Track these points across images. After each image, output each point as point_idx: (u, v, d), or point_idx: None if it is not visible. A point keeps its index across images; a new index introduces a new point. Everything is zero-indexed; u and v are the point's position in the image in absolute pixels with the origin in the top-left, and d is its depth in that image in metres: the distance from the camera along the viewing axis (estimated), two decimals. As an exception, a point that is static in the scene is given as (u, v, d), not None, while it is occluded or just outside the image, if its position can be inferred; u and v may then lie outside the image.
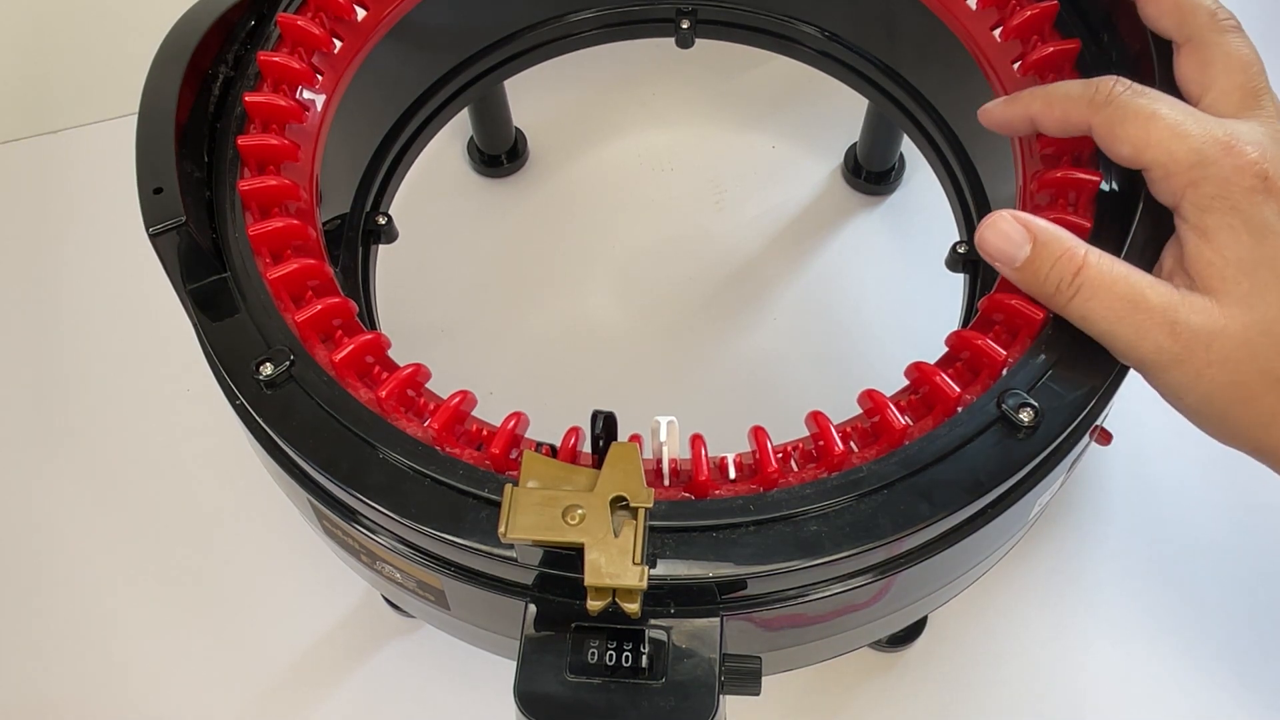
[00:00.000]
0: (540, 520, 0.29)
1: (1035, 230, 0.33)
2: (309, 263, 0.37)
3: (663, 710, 0.30)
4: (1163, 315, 0.31)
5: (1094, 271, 0.32)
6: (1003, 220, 0.33)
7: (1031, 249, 0.33)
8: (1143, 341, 0.32)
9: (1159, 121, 0.33)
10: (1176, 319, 0.31)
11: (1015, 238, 0.33)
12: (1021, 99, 0.37)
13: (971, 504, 0.32)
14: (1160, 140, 0.32)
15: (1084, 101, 0.34)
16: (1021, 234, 0.33)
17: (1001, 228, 0.33)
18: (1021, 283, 0.34)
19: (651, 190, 0.65)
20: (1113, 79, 0.34)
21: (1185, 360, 0.31)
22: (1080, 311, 0.32)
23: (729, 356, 0.59)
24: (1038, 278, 0.33)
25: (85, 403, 0.59)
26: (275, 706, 0.51)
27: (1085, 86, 0.35)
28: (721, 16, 0.54)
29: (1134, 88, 0.34)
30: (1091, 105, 0.34)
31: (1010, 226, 0.33)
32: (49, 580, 0.54)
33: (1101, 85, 0.34)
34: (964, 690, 0.50)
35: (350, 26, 0.43)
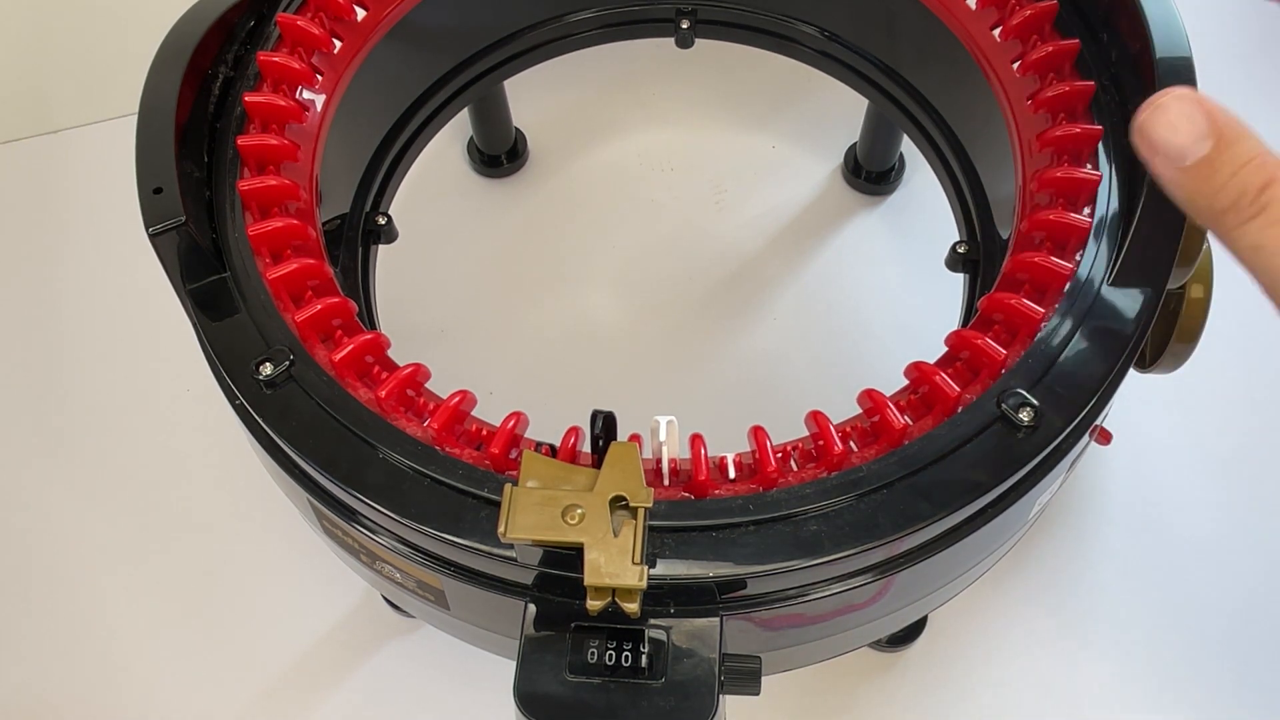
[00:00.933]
0: (540, 520, 0.29)
1: (1220, 124, 0.26)
2: (309, 263, 0.37)
3: (663, 710, 0.30)
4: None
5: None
6: (1177, 100, 0.26)
7: (1213, 146, 0.26)
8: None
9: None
10: None
11: (1193, 127, 0.26)
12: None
13: (971, 504, 0.32)
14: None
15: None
16: (1203, 124, 0.26)
17: (1175, 112, 0.26)
18: (1185, 187, 0.27)
19: (651, 190, 0.65)
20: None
21: None
22: (1256, 239, 0.26)
23: (729, 356, 0.59)
24: (1211, 184, 0.26)
25: (85, 403, 0.59)
26: (275, 706, 0.51)
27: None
28: (721, 16, 0.54)
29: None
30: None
31: (1189, 110, 0.26)
32: (49, 580, 0.54)
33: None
34: (964, 690, 0.50)
35: (350, 26, 0.43)
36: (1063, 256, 0.35)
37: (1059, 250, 0.36)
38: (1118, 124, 0.38)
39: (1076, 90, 0.38)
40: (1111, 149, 0.38)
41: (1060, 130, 0.38)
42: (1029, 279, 0.36)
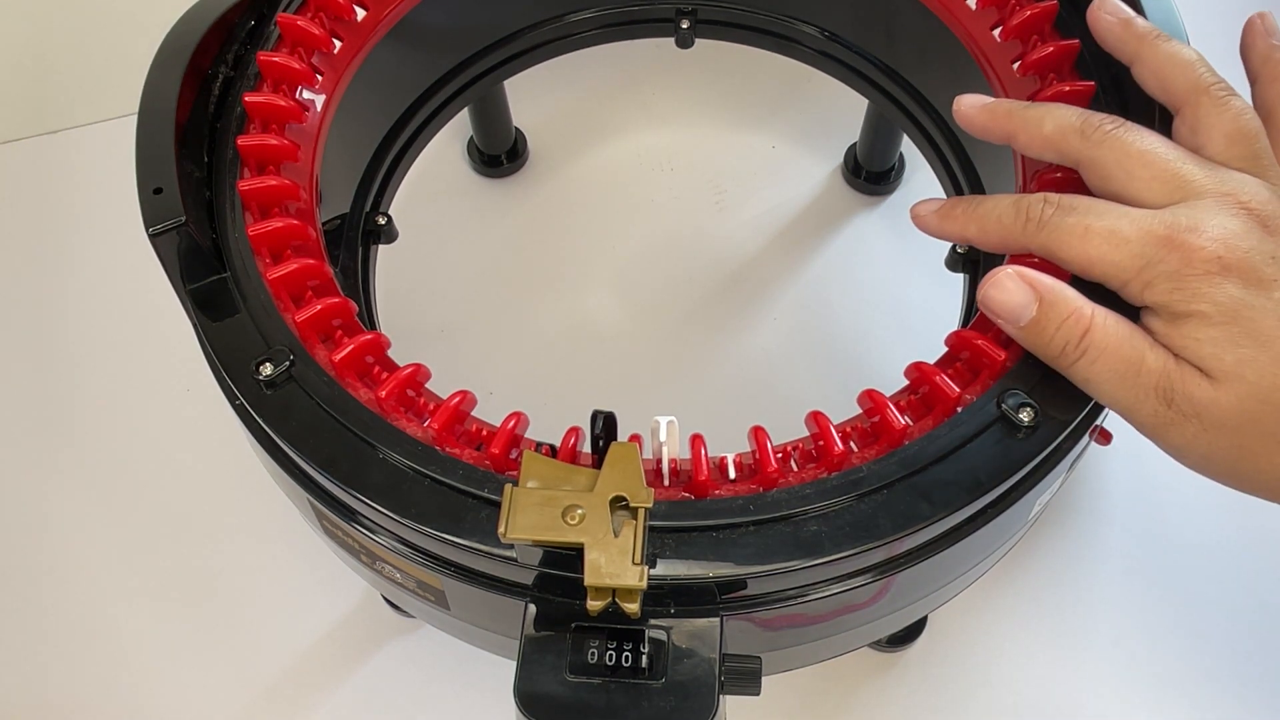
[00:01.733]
0: (540, 520, 0.29)
1: (1042, 289, 0.32)
2: (309, 263, 0.37)
3: (663, 710, 0.30)
4: (1159, 380, 0.31)
5: (1100, 334, 0.31)
6: (1007, 278, 0.32)
7: (1038, 309, 0.32)
8: (1141, 405, 0.31)
9: (1093, 237, 0.32)
10: (1171, 386, 0.31)
11: (1021, 297, 0.32)
12: (956, 218, 0.36)
13: (971, 504, 0.32)
14: (1100, 254, 0.32)
15: (1016, 228, 0.34)
16: (1027, 293, 0.32)
17: (1007, 286, 0.32)
18: (1025, 341, 0.33)
19: (651, 190, 0.65)
20: (1040, 198, 0.33)
21: (1180, 424, 0.31)
22: (1084, 374, 0.32)
23: (729, 356, 0.59)
24: (1043, 338, 0.32)
25: (85, 403, 0.59)
26: (275, 706, 0.51)
27: (1015, 208, 0.34)
28: (721, 16, 0.54)
29: (1061, 203, 0.33)
30: (1024, 232, 0.33)
31: (1016, 285, 0.32)
32: (49, 580, 0.54)
33: (1031, 208, 0.33)
34: (964, 690, 0.50)
35: (350, 26, 0.43)
36: (1063, 256, 0.35)
37: (1059, 250, 0.36)
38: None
39: (1077, 90, 0.38)
40: (1111, 149, 0.38)
41: (1060, 130, 0.38)
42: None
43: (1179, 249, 0.31)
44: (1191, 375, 0.31)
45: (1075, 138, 0.34)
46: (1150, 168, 0.32)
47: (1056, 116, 0.35)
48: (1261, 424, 0.30)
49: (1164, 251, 0.31)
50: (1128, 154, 0.33)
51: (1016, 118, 0.36)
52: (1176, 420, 0.31)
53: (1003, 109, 0.36)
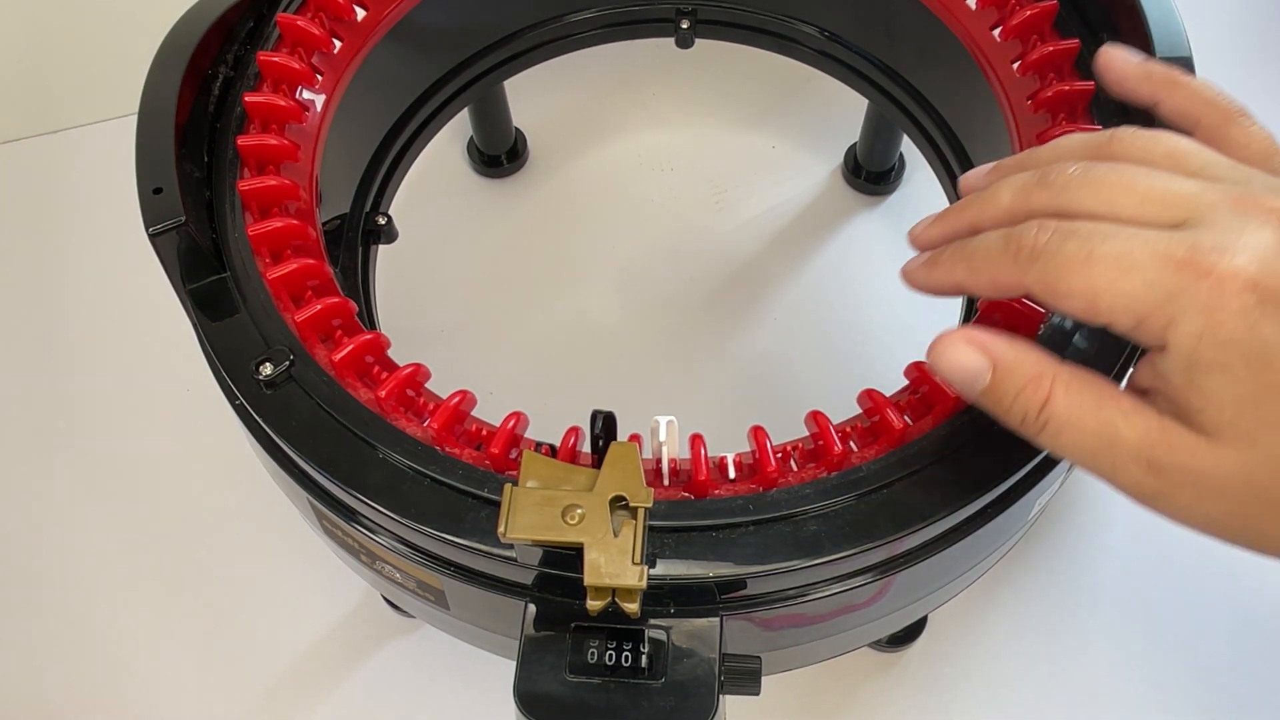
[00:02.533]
0: (540, 520, 0.29)
1: (995, 355, 0.29)
2: (309, 263, 0.37)
3: (663, 710, 0.30)
4: (1138, 452, 0.27)
5: (1062, 405, 0.28)
6: (957, 342, 0.29)
7: (991, 378, 0.29)
8: (1119, 476, 0.28)
9: (1098, 263, 0.27)
10: (1156, 455, 0.27)
11: (972, 364, 0.29)
12: (942, 263, 0.31)
13: (971, 504, 0.32)
14: (1109, 283, 0.27)
15: (1007, 261, 0.29)
16: (979, 360, 0.29)
17: (956, 351, 0.29)
18: (984, 408, 0.30)
19: (651, 190, 0.65)
20: (1034, 225, 0.28)
21: (1172, 494, 0.27)
22: (1050, 444, 0.29)
23: (729, 356, 0.59)
24: (1000, 408, 0.29)
25: (85, 402, 0.59)
26: (275, 706, 0.51)
27: (1004, 238, 0.29)
28: (721, 16, 0.54)
29: (1059, 228, 0.28)
30: (1017, 265, 0.28)
31: (965, 351, 0.29)
32: (49, 580, 0.54)
33: (1023, 235, 0.28)
34: (964, 690, 0.50)
35: (350, 26, 0.43)
36: (1063, 256, 0.35)
37: (1059, 250, 0.36)
38: (1118, 124, 0.38)
39: (1076, 90, 0.38)
40: (1111, 149, 0.38)
41: (1060, 130, 0.38)
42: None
43: (1206, 275, 0.26)
44: (1182, 438, 0.27)
45: (1040, 192, 0.29)
46: (1133, 192, 0.28)
47: (1011, 182, 0.30)
48: (1267, 491, 0.26)
49: (1188, 279, 0.26)
50: (1101, 186, 0.28)
51: (970, 210, 0.32)
52: (1166, 489, 0.27)
53: (951, 212, 0.32)
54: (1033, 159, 0.32)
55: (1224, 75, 0.69)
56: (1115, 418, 0.27)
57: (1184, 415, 0.27)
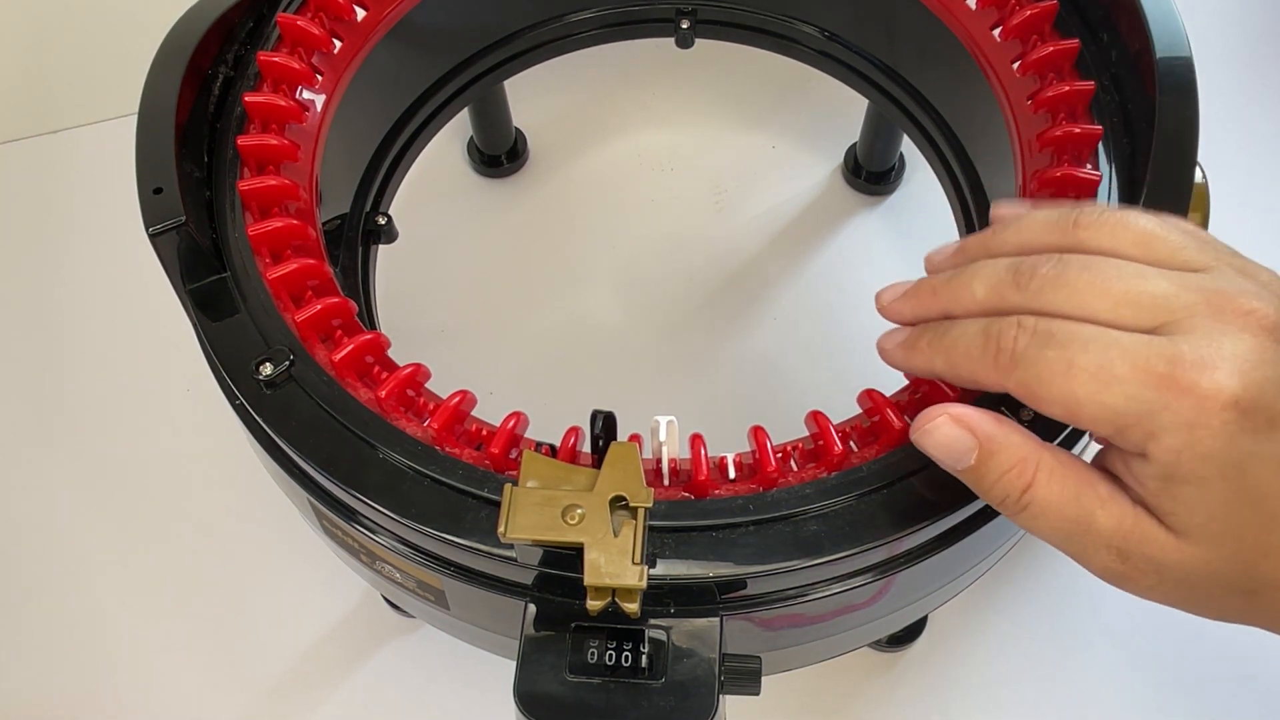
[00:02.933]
0: (540, 520, 0.29)
1: (981, 436, 0.29)
2: (309, 263, 0.37)
3: (663, 710, 0.30)
4: (1110, 540, 0.28)
5: (1043, 491, 0.28)
6: (943, 423, 0.29)
7: (976, 458, 0.29)
8: (1090, 560, 0.29)
9: (1079, 374, 0.27)
10: (1127, 546, 0.28)
11: (958, 446, 0.29)
12: (921, 350, 0.31)
13: (971, 504, 0.32)
14: (1089, 395, 0.27)
15: (987, 363, 0.29)
16: (965, 440, 0.29)
17: (941, 437, 0.30)
18: (965, 481, 0.30)
19: (651, 190, 0.65)
20: (1012, 327, 0.28)
21: (1135, 579, 0.28)
22: (1028, 525, 0.29)
23: (729, 356, 0.59)
24: (982, 486, 0.29)
25: (85, 402, 0.59)
26: (275, 706, 0.51)
27: (983, 337, 0.29)
28: (721, 16, 0.54)
29: (1038, 330, 0.28)
30: (997, 367, 0.28)
31: (951, 434, 0.29)
32: (49, 580, 0.54)
33: (1002, 336, 0.28)
34: (964, 690, 0.50)
35: (350, 26, 0.43)
36: (1063, 256, 0.35)
37: (1059, 250, 0.36)
38: (1118, 124, 0.38)
39: (1076, 90, 0.38)
40: (1111, 149, 0.38)
41: (1060, 130, 0.38)
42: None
43: (1189, 393, 0.26)
44: (1153, 532, 0.28)
45: (1014, 292, 0.29)
46: (1107, 295, 0.28)
47: (983, 275, 0.30)
48: (1226, 581, 0.28)
49: (1169, 396, 0.26)
50: (1076, 289, 0.28)
51: (941, 295, 0.31)
52: (1131, 574, 0.28)
53: (923, 292, 0.32)
54: (997, 243, 0.32)
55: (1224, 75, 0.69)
56: (1094, 507, 0.28)
57: (1154, 512, 0.28)
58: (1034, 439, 0.29)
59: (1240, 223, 0.60)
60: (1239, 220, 0.60)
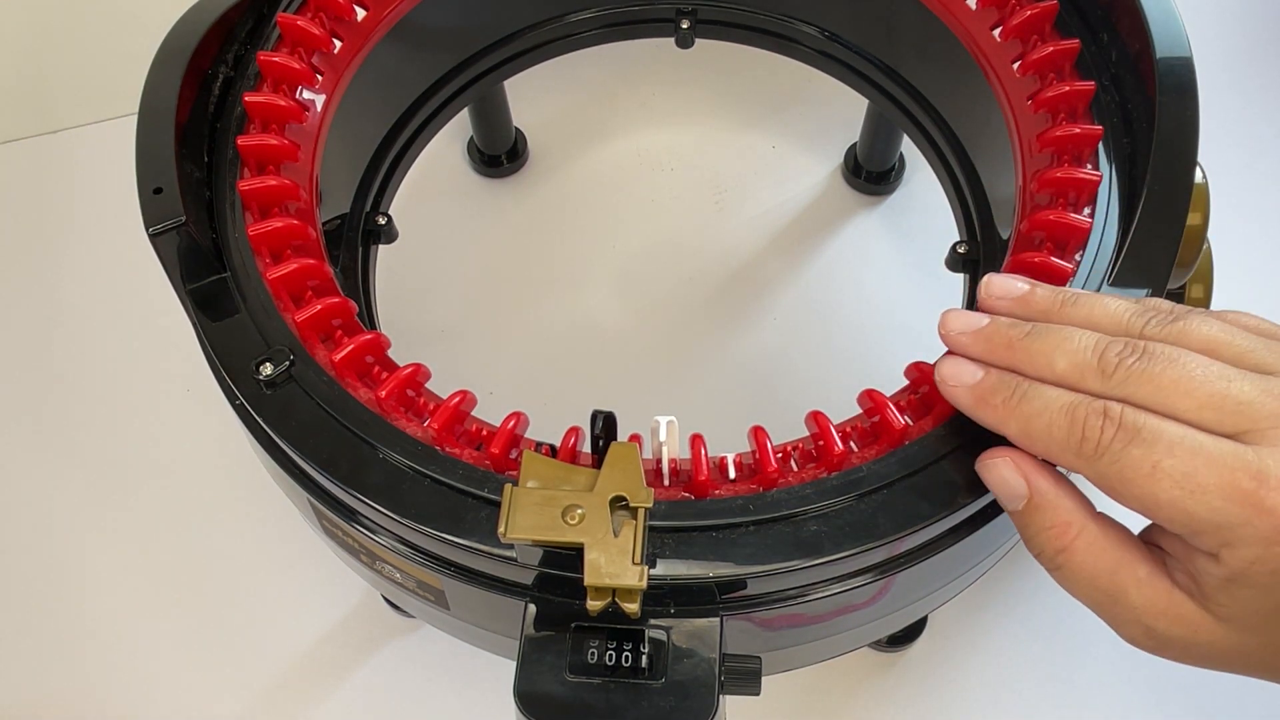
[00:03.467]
0: (540, 520, 0.29)
1: (1033, 487, 0.30)
2: (309, 263, 0.37)
3: (663, 710, 0.30)
4: (1140, 617, 0.29)
5: (1079, 559, 0.29)
6: (1001, 467, 0.30)
7: (1025, 506, 0.30)
8: (1117, 627, 0.30)
9: (1163, 479, 0.27)
10: (1155, 626, 0.29)
11: (1010, 489, 0.30)
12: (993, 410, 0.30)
13: (971, 504, 0.32)
14: (1171, 500, 0.27)
15: (1069, 448, 0.29)
16: (1019, 488, 0.30)
17: (997, 476, 0.30)
18: (1014, 524, 0.31)
19: (651, 190, 0.65)
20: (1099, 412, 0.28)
21: (1160, 651, 0.29)
22: (1060, 584, 0.30)
23: (729, 356, 0.59)
24: (1025, 533, 0.30)
25: (85, 402, 0.59)
26: (275, 706, 0.51)
27: (1068, 420, 0.29)
28: (721, 16, 0.54)
29: (1124, 423, 0.28)
30: (1079, 456, 0.28)
31: (1007, 476, 0.30)
32: (49, 580, 0.54)
33: (1088, 425, 0.28)
34: (964, 690, 0.50)
35: (350, 26, 0.43)
36: (1063, 257, 0.35)
37: (1059, 250, 0.36)
38: (1118, 124, 0.38)
39: (1076, 90, 0.38)
40: (1111, 149, 0.38)
41: (1060, 130, 0.38)
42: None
43: (1272, 514, 0.26)
44: (1189, 615, 0.28)
45: (1096, 380, 0.29)
46: (1191, 396, 0.28)
47: (1070, 349, 0.29)
48: (1259, 660, 0.28)
49: (1251, 513, 0.26)
50: (1160, 386, 0.28)
51: (1017, 353, 0.31)
52: (1157, 648, 0.29)
53: (996, 339, 0.31)
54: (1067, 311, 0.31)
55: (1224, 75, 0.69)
56: (1128, 585, 0.29)
57: (1203, 599, 0.28)
58: (1085, 505, 0.30)
59: (1240, 223, 0.60)
60: (1239, 220, 0.60)
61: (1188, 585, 0.28)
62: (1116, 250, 0.35)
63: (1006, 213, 0.43)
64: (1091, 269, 0.35)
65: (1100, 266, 0.35)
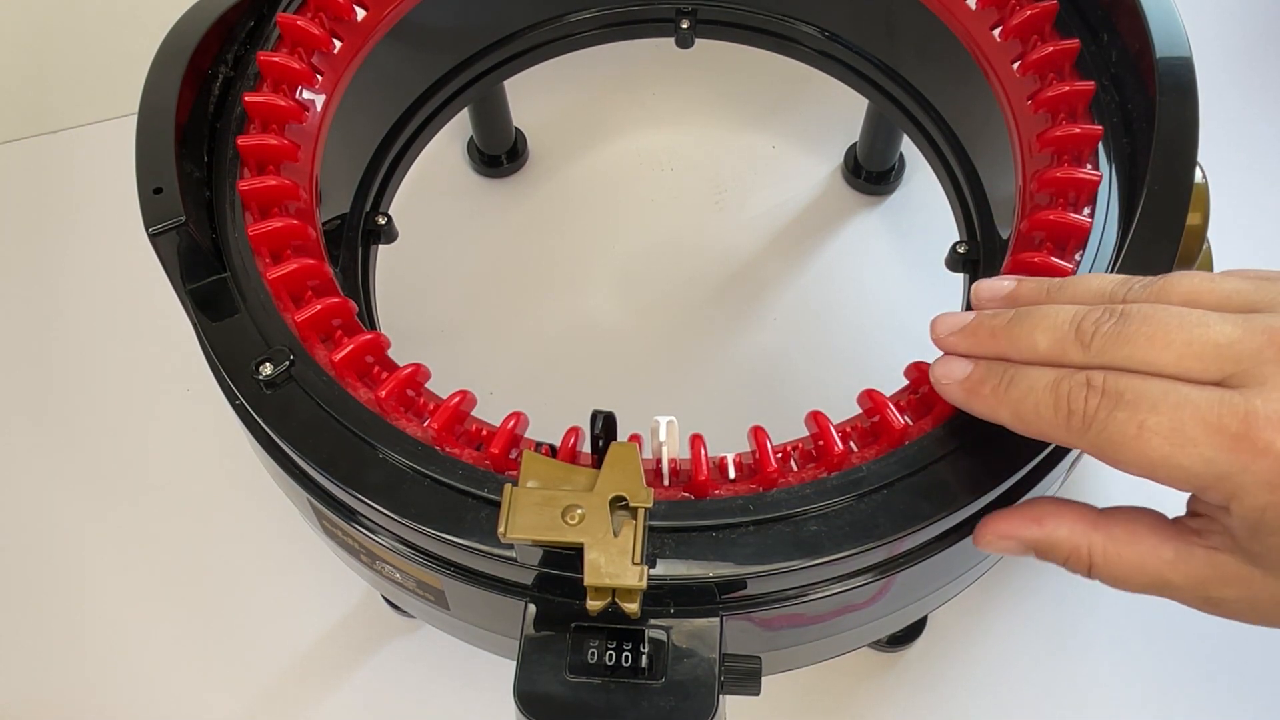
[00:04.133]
0: (540, 520, 0.29)
1: (1026, 542, 0.31)
2: (309, 263, 0.37)
3: (663, 710, 0.30)
4: (1193, 592, 0.29)
5: (1104, 570, 0.30)
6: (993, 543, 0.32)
7: (1035, 554, 0.31)
8: (1181, 602, 0.29)
9: (1151, 437, 0.26)
10: (1208, 593, 0.28)
11: (1014, 550, 0.31)
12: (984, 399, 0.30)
13: (971, 504, 0.32)
14: (1163, 457, 0.26)
15: (1059, 424, 0.28)
16: (1016, 548, 0.31)
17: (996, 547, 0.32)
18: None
19: (651, 190, 0.65)
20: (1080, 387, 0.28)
21: (1228, 614, 0.29)
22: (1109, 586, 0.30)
23: (729, 356, 0.59)
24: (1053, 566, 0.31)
25: (85, 403, 0.59)
26: (275, 706, 0.51)
27: (1053, 396, 0.28)
28: (721, 16, 0.54)
29: (1106, 389, 0.27)
30: (1069, 430, 0.28)
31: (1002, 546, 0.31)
32: (49, 580, 0.54)
33: (1072, 397, 0.28)
34: (964, 690, 0.50)
35: (350, 26, 0.43)
36: (1063, 257, 0.35)
37: (1059, 250, 0.36)
38: (1117, 124, 0.38)
39: (1076, 90, 0.38)
40: (1111, 149, 0.38)
41: (1060, 130, 0.38)
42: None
43: (1266, 453, 0.25)
44: (1238, 572, 0.28)
45: (1076, 350, 0.29)
46: (1169, 348, 0.27)
47: (1045, 327, 0.29)
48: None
49: (1246, 458, 0.25)
50: (1138, 344, 0.27)
51: (1000, 341, 0.31)
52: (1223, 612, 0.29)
53: (981, 331, 0.31)
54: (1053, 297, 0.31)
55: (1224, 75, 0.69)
56: (1161, 570, 0.29)
57: (1240, 552, 0.28)
58: (1084, 521, 0.30)
59: (1240, 223, 0.60)
60: (1239, 220, 0.60)
61: (1228, 544, 0.28)
62: (1116, 250, 0.35)
63: (1006, 213, 0.43)
64: (1091, 269, 0.35)
65: (1100, 266, 0.35)
